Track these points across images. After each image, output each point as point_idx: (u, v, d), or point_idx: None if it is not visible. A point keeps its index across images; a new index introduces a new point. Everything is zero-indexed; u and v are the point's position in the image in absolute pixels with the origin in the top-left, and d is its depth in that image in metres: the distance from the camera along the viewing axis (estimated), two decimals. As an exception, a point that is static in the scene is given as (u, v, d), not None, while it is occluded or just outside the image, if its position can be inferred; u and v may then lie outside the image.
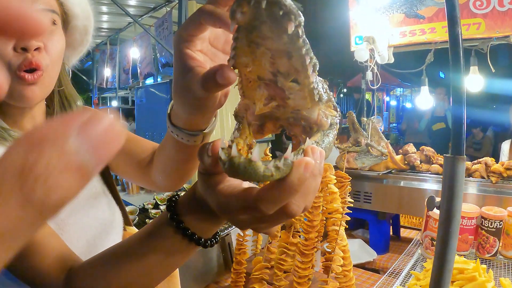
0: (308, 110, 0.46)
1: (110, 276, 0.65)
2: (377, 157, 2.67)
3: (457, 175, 0.80)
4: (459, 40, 0.84)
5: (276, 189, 0.39)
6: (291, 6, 0.35)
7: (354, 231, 2.87)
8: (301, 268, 1.47)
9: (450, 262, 0.80)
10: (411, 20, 3.04)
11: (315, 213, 1.51)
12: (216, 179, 0.46)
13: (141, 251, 0.61)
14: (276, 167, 0.38)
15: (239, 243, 1.73)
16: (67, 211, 0.96)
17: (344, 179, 1.63)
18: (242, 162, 0.37)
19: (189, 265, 1.85)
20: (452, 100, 0.85)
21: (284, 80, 0.43)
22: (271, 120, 0.50)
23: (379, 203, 2.57)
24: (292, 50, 0.39)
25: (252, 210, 0.41)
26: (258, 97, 0.46)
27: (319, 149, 0.42)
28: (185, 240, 0.56)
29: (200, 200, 0.52)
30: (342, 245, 1.50)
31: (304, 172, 0.39)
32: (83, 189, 0.27)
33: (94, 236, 1.00)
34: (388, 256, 2.42)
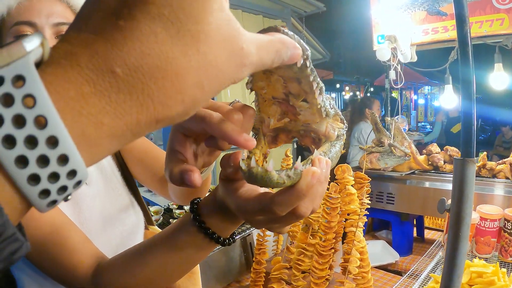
0: (317, 124, 0.53)
1: (135, 270, 0.71)
2: (400, 157, 2.65)
3: (467, 178, 0.79)
4: (467, 40, 0.84)
5: (287, 194, 0.45)
6: (299, 42, 0.41)
7: (378, 232, 2.85)
8: (318, 268, 1.48)
9: (460, 267, 0.80)
10: (433, 18, 3.00)
11: (332, 214, 1.52)
12: (236, 184, 0.53)
13: (165, 248, 0.67)
14: (287, 176, 0.44)
15: (259, 243, 1.75)
16: (97, 223, 1.02)
17: (363, 180, 1.63)
18: (259, 172, 0.44)
19: (211, 264, 1.88)
20: (461, 103, 0.84)
21: (295, 99, 0.50)
22: (284, 132, 0.56)
23: (402, 204, 2.54)
24: (301, 77, 0.46)
25: (267, 212, 0.47)
26: (273, 113, 0.53)
27: (325, 159, 0.48)
28: (206, 238, 0.61)
29: (220, 202, 0.58)
30: (360, 246, 1.50)
31: (312, 180, 0.44)
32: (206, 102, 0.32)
33: (117, 245, 1.05)
34: (411, 258, 2.39)
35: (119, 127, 0.27)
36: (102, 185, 1.09)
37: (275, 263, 1.61)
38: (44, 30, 0.92)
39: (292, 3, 5.52)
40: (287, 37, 0.39)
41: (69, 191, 0.28)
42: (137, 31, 0.26)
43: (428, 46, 3.17)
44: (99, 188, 1.07)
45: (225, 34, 0.30)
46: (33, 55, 0.24)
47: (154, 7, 0.27)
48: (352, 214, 1.52)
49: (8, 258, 0.24)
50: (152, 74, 0.27)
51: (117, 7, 0.27)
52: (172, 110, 0.29)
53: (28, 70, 0.24)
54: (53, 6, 0.95)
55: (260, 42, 0.34)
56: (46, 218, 0.84)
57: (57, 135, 0.25)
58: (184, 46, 0.28)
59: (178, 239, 0.66)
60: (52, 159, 0.25)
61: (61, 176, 0.26)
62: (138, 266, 0.71)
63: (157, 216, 2.60)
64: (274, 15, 5.38)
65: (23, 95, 0.23)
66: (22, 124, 0.24)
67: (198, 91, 0.30)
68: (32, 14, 0.92)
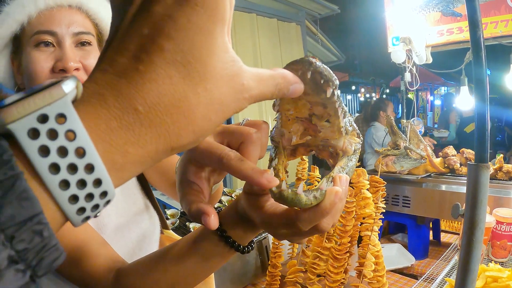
0: (336, 140, 0.56)
1: (158, 275, 0.74)
2: (416, 160, 2.63)
3: (481, 184, 0.80)
4: (481, 44, 0.84)
5: (312, 212, 0.48)
6: (329, 74, 0.46)
7: (394, 235, 2.83)
8: (333, 272, 1.49)
9: (473, 272, 0.80)
10: (448, 19, 2.98)
11: (348, 218, 1.53)
12: (260, 199, 0.56)
13: (187, 255, 0.70)
14: (314, 197, 0.47)
15: (274, 246, 1.76)
16: (114, 228, 1.05)
17: (378, 184, 1.63)
18: (289, 194, 0.47)
19: (227, 267, 1.90)
20: (476, 108, 0.85)
21: (318, 120, 0.54)
22: (303, 146, 0.59)
23: (418, 207, 2.53)
24: (327, 103, 0.50)
25: (291, 227, 0.51)
26: (295, 130, 0.57)
27: (345, 176, 0.51)
28: (227, 246, 0.64)
29: (241, 214, 0.62)
30: (375, 250, 1.50)
31: (335, 199, 0.48)
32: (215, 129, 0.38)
33: (134, 248, 1.08)
34: (427, 261, 2.38)
35: (141, 155, 0.33)
36: (118, 189, 1.12)
37: (291, 266, 1.62)
38: (65, 39, 0.95)
39: (307, 6, 5.53)
40: (289, 73, 0.44)
41: (100, 209, 0.34)
42: (154, 74, 0.32)
43: (443, 47, 3.15)
44: (117, 194, 1.10)
45: (228, 73, 0.35)
46: (70, 96, 0.30)
47: (169, 54, 0.32)
48: (367, 218, 1.52)
49: (50, 265, 0.29)
50: (168, 111, 0.32)
51: (137, 52, 0.32)
52: (184, 140, 0.34)
53: (68, 109, 0.29)
54: (73, 15, 0.98)
55: (261, 77, 0.39)
56: (66, 224, 0.86)
57: (93, 162, 0.30)
58: (194, 85, 0.33)
59: (199, 247, 0.69)
60: (88, 183, 0.30)
61: (95, 196, 0.32)
62: (160, 272, 0.74)
63: (173, 219, 2.62)
64: (288, 18, 5.39)
65: (65, 130, 0.29)
66: (65, 154, 0.29)
67: (206, 123, 0.35)
68: (53, 23, 0.95)
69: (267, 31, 5.02)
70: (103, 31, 1.07)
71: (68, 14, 0.97)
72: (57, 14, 0.96)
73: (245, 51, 4.72)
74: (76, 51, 0.98)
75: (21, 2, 0.95)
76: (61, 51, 0.95)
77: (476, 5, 0.84)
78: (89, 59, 0.99)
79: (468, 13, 0.85)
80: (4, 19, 0.95)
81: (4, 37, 0.97)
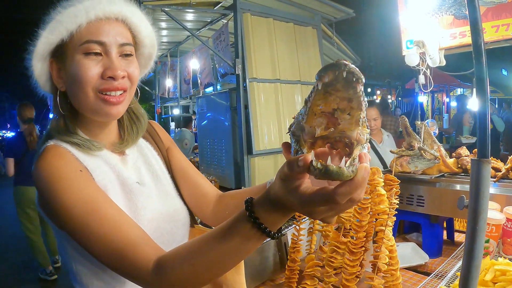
0: (351, 131, 0.66)
1: (194, 260, 0.83)
2: (430, 160, 2.67)
3: (483, 177, 0.88)
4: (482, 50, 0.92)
5: (348, 185, 0.60)
6: (359, 73, 0.57)
7: (408, 234, 2.87)
8: (349, 265, 1.56)
9: (477, 259, 0.88)
10: (461, 22, 3.01)
11: (363, 214, 1.60)
12: (296, 183, 0.66)
13: (222, 240, 0.79)
14: (352, 171, 0.59)
15: (293, 241, 1.84)
16: (150, 220, 1.15)
17: (392, 182, 1.70)
18: (335, 169, 0.58)
19: (247, 262, 1.93)
20: (478, 108, 0.93)
21: (341, 113, 0.63)
22: (321, 139, 0.68)
23: (432, 207, 2.57)
24: (353, 97, 0.61)
25: (330, 201, 0.62)
26: (318, 124, 0.66)
27: (368, 155, 0.64)
28: (259, 232, 0.75)
29: (274, 200, 0.72)
30: (389, 245, 1.57)
31: (365, 172, 0.61)
32: None
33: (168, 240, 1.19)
34: (440, 259, 2.41)
35: None
36: (153, 186, 1.23)
37: (309, 260, 1.70)
38: (112, 48, 1.07)
39: (322, 10, 5.59)
40: None
41: None
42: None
43: (456, 50, 3.18)
44: (151, 188, 1.21)
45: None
46: None
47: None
48: (382, 214, 1.59)
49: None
50: None
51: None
52: None
53: None
54: (118, 27, 1.09)
55: None
56: (108, 216, 0.95)
57: None
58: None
59: (233, 232, 0.78)
60: None
61: None
62: (197, 256, 0.82)
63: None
64: (304, 22, 5.47)
65: None
66: None
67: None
68: (102, 34, 1.06)
69: (284, 35, 5.11)
70: (141, 42, 1.19)
71: (114, 26, 1.08)
72: (105, 26, 1.07)
73: (262, 55, 4.81)
74: (121, 60, 1.09)
75: (73, 12, 1.04)
76: (109, 60, 1.06)
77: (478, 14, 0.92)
78: (131, 67, 1.11)
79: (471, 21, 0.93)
80: (55, 27, 1.04)
81: (53, 43, 1.06)
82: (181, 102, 8.65)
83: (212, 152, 5.42)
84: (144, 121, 1.30)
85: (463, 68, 3.47)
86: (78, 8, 1.04)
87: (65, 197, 0.95)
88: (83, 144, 1.10)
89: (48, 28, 1.05)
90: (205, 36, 6.02)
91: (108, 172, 1.12)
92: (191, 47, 6.59)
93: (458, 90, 15.65)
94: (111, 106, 1.07)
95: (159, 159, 1.33)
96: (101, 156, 1.14)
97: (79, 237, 0.96)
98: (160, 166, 1.31)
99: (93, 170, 1.08)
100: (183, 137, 7.19)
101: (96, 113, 1.10)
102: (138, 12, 1.15)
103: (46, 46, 1.06)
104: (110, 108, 1.08)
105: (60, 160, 1.02)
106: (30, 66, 1.08)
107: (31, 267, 5.69)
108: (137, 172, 1.23)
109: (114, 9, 1.08)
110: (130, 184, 1.15)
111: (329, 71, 0.57)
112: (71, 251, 1.07)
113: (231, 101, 4.84)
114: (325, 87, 0.60)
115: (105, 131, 1.19)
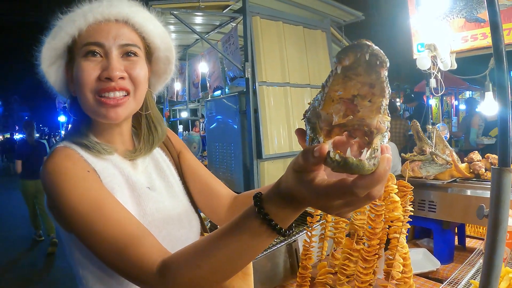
0: (371, 119, 0.60)
1: (200, 261, 0.79)
2: (442, 165, 2.65)
3: (504, 186, 0.86)
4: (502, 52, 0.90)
5: (369, 178, 0.55)
6: (384, 56, 0.52)
7: (419, 240, 2.85)
8: (363, 273, 1.54)
9: (497, 268, 0.86)
10: (472, 25, 2.99)
11: (377, 221, 1.58)
12: (311, 175, 0.60)
13: (229, 239, 0.76)
14: (373, 164, 0.53)
15: (305, 248, 1.81)
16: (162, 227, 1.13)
17: (406, 188, 1.68)
18: (354, 161, 0.52)
19: (257, 268, 1.94)
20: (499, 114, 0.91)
21: (361, 100, 0.58)
22: (338, 127, 0.63)
23: (443, 212, 2.54)
24: (376, 83, 0.55)
25: (349, 194, 0.56)
26: (336, 111, 0.61)
27: (389, 146, 0.58)
28: (269, 229, 0.71)
29: (284, 194, 0.68)
30: (403, 252, 1.55)
31: (387, 165, 0.55)
32: None
33: (177, 246, 1.16)
34: (452, 266, 2.38)
35: None
36: (164, 191, 1.22)
37: (321, 268, 1.67)
38: (111, 50, 1.06)
39: (331, 13, 5.59)
40: None
41: None
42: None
43: (467, 53, 3.16)
44: (162, 194, 1.20)
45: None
46: None
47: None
48: (396, 221, 1.57)
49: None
50: None
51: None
52: None
53: None
54: (120, 29, 1.08)
55: None
56: (113, 216, 0.94)
57: None
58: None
59: (241, 230, 0.75)
60: None
61: None
62: (204, 257, 0.79)
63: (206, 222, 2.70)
64: (314, 25, 5.47)
65: None
66: None
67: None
68: (101, 35, 1.06)
69: (293, 38, 5.11)
70: (152, 44, 1.17)
71: (115, 27, 1.08)
72: (105, 27, 1.07)
73: (272, 57, 4.81)
74: (122, 61, 1.08)
75: (72, 17, 1.06)
76: (107, 61, 1.05)
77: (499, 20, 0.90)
78: (135, 69, 1.09)
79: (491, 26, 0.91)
80: (57, 32, 1.06)
81: (58, 48, 1.07)
82: (189, 105, 8.67)
83: (221, 156, 5.40)
84: (162, 131, 1.28)
85: (470, 70, 3.44)
86: (77, 12, 1.06)
87: (71, 196, 0.94)
88: (92, 147, 1.09)
89: (51, 34, 1.07)
90: (214, 39, 6.03)
91: (116, 175, 1.11)
92: (200, 50, 6.59)
93: (467, 93, 15.56)
94: (109, 108, 1.06)
95: (171, 164, 1.32)
96: (110, 159, 1.13)
97: (84, 236, 0.95)
98: (171, 172, 1.30)
99: (101, 172, 1.07)
100: (192, 141, 7.20)
101: (97, 116, 1.09)
102: (143, 12, 1.14)
103: (51, 51, 1.08)
104: (108, 111, 1.06)
105: (68, 160, 1.02)
106: (40, 71, 1.09)
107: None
108: (148, 177, 1.22)
109: (113, 11, 1.08)
110: (139, 189, 1.14)
111: (349, 53, 0.52)
112: (78, 257, 1.06)
113: (240, 105, 4.82)
114: (345, 71, 0.54)
115: (118, 138, 1.18)
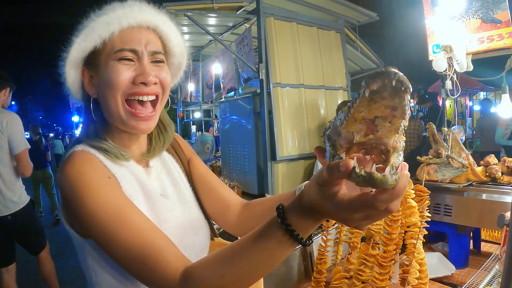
0: (388, 138, 0.64)
1: (224, 271, 0.81)
2: (458, 169, 2.62)
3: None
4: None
5: (389, 193, 0.59)
6: (408, 82, 0.56)
7: (434, 244, 2.82)
8: (378, 279, 1.53)
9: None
10: (488, 26, 2.95)
11: (393, 227, 1.57)
12: (335, 189, 0.64)
13: (252, 249, 0.78)
14: (395, 180, 0.58)
15: (320, 253, 1.81)
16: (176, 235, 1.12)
17: (423, 193, 1.67)
18: (379, 177, 0.57)
19: (271, 272, 1.92)
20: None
21: (382, 121, 0.62)
22: (357, 145, 0.67)
23: (459, 216, 2.51)
24: (398, 106, 0.59)
25: (369, 207, 0.61)
26: (358, 130, 0.65)
27: (406, 165, 0.63)
28: (291, 239, 0.74)
29: (306, 206, 0.71)
30: (419, 258, 1.54)
31: (406, 181, 0.60)
32: None
33: (191, 253, 1.16)
34: (467, 270, 2.35)
35: None
36: (176, 199, 1.23)
37: (336, 272, 1.67)
38: (144, 56, 1.08)
39: (346, 14, 5.56)
40: None
41: None
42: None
43: (483, 55, 3.12)
44: (174, 201, 1.21)
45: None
46: None
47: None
48: (413, 226, 1.56)
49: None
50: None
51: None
52: None
53: None
54: (149, 36, 1.11)
55: None
56: (136, 223, 0.94)
57: None
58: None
59: (264, 241, 0.77)
60: None
61: None
62: (227, 267, 0.81)
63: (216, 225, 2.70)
64: (328, 26, 5.45)
65: None
66: None
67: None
68: (135, 42, 1.07)
69: (307, 39, 5.10)
70: (170, 51, 1.20)
71: (145, 34, 1.10)
72: (137, 34, 1.08)
73: (286, 59, 4.80)
74: (152, 67, 1.10)
75: (106, 20, 1.06)
76: (141, 67, 1.07)
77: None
78: (163, 74, 1.12)
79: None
80: (89, 34, 1.07)
81: (86, 50, 1.08)
82: (203, 106, 8.69)
83: (235, 157, 5.39)
84: (171, 131, 1.31)
85: (484, 71, 3.38)
86: (111, 16, 1.06)
87: (93, 202, 0.94)
88: (111, 151, 1.10)
89: (82, 35, 1.07)
90: (228, 41, 6.02)
91: (133, 182, 1.12)
92: (213, 51, 6.58)
93: (481, 93, 15.40)
94: (139, 121, 1.09)
95: (181, 171, 1.34)
96: (127, 166, 1.14)
97: (104, 243, 0.95)
98: (182, 179, 1.31)
99: (120, 178, 1.08)
100: (205, 141, 7.22)
101: (124, 125, 1.11)
102: (169, 21, 1.17)
103: (80, 52, 1.08)
104: (138, 123, 1.09)
105: (88, 165, 1.02)
106: (63, 73, 1.10)
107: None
108: (161, 184, 1.23)
109: (146, 18, 1.10)
110: (154, 197, 1.15)
111: (378, 79, 0.56)
112: (92, 263, 1.07)
113: (254, 106, 4.81)
114: (371, 94, 0.58)
115: (135, 144, 1.20)
